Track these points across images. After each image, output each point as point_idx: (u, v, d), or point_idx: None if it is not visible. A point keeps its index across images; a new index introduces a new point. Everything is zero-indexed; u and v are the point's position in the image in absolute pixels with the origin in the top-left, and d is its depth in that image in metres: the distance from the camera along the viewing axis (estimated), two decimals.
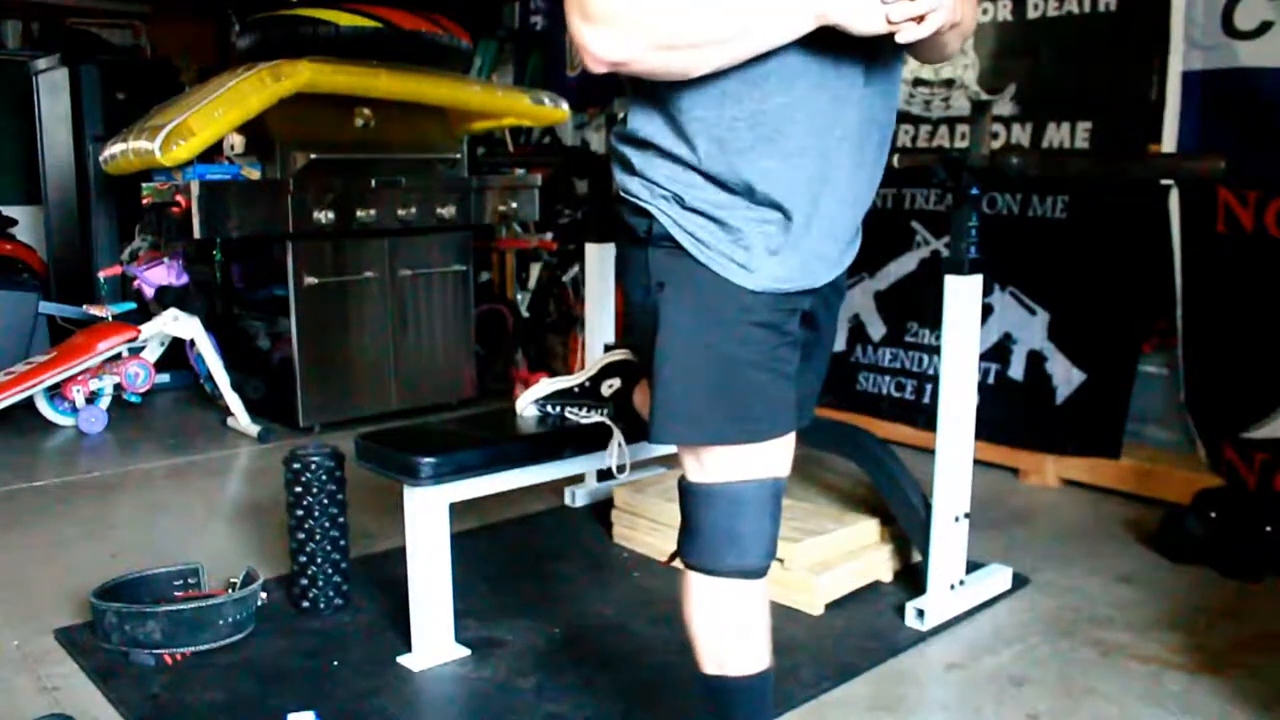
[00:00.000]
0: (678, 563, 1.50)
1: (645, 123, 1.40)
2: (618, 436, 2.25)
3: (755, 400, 1.41)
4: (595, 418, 2.29)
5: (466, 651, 2.19)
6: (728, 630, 1.47)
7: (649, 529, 2.74)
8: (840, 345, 3.93)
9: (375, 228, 4.02)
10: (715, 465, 1.42)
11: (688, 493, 1.45)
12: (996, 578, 2.52)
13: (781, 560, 2.37)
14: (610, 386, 2.34)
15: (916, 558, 2.55)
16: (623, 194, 1.47)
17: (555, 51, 5.47)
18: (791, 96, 1.33)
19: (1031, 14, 3.37)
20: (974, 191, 2.31)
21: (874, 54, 1.33)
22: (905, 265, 3.75)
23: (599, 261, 3.12)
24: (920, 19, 1.24)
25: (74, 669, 2.13)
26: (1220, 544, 2.63)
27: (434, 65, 4.20)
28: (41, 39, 5.98)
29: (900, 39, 1.26)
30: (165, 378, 4.51)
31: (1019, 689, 2.05)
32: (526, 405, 2.39)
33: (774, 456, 1.44)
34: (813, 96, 1.33)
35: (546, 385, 2.41)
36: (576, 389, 2.38)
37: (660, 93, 1.36)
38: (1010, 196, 3.48)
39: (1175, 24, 2.98)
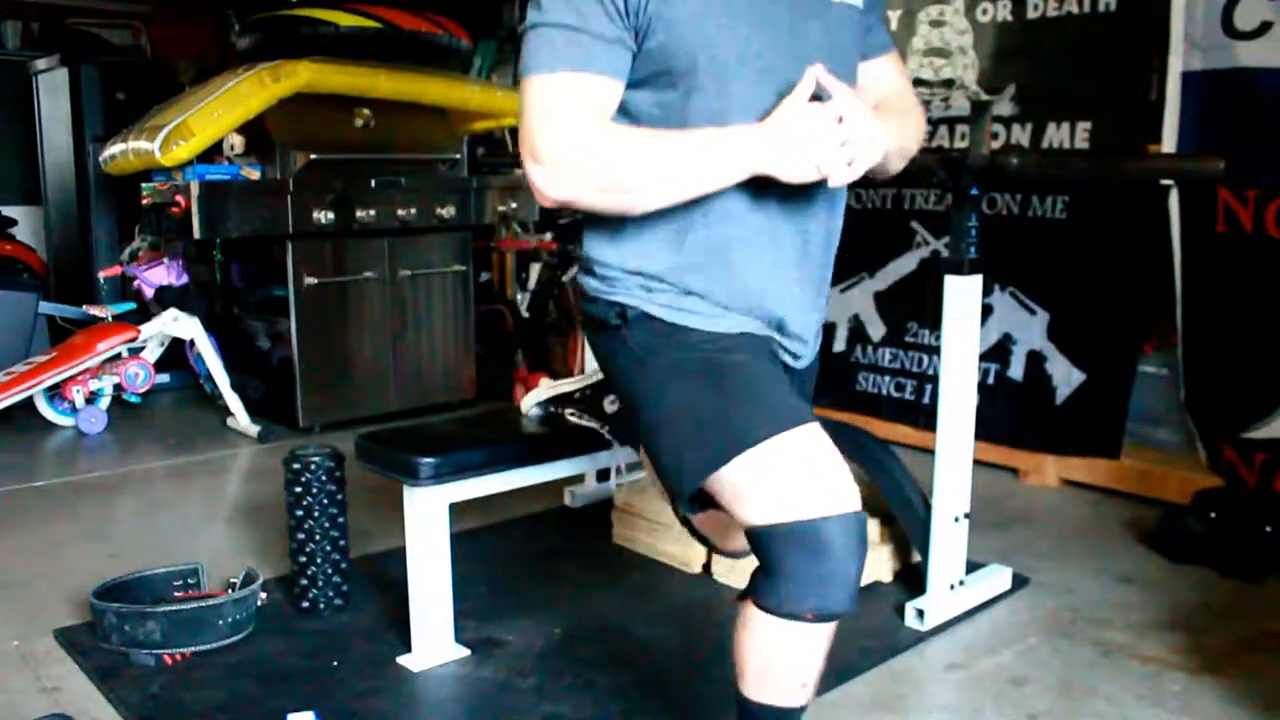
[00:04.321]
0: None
1: (603, 249, 1.53)
2: (618, 459, 2.25)
3: (757, 392, 1.40)
4: (592, 424, 2.29)
5: (466, 651, 2.19)
6: (784, 668, 1.40)
7: (649, 529, 2.74)
8: (840, 345, 3.93)
9: (375, 228, 4.02)
10: (766, 498, 1.33)
11: (758, 537, 1.35)
12: (996, 578, 2.52)
13: None
14: (613, 403, 2.33)
15: (916, 558, 2.55)
16: (591, 294, 1.57)
17: None
18: (739, 223, 1.45)
19: (1031, 14, 3.37)
20: (974, 191, 2.31)
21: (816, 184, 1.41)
22: (905, 265, 3.75)
23: None
24: (850, 162, 1.35)
25: (74, 669, 2.13)
26: (1220, 544, 2.63)
27: (434, 65, 4.20)
28: (41, 39, 5.98)
29: (832, 184, 1.37)
30: (165, 378, 4.51)
31: (1019, 689, 2.05)
32: (530, 407, 2.40)
33: (827, 484, 1.34)
34: (759, 220, 1.46)
35: (548, 388, 2.41)
36: (577, 395, 2.38)
37: (613, 220, 1.48)
38: (1010, 196, 3.48)
39: (1175, 24, 2.98)
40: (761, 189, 1.42)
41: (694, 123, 1.40)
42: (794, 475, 1.34)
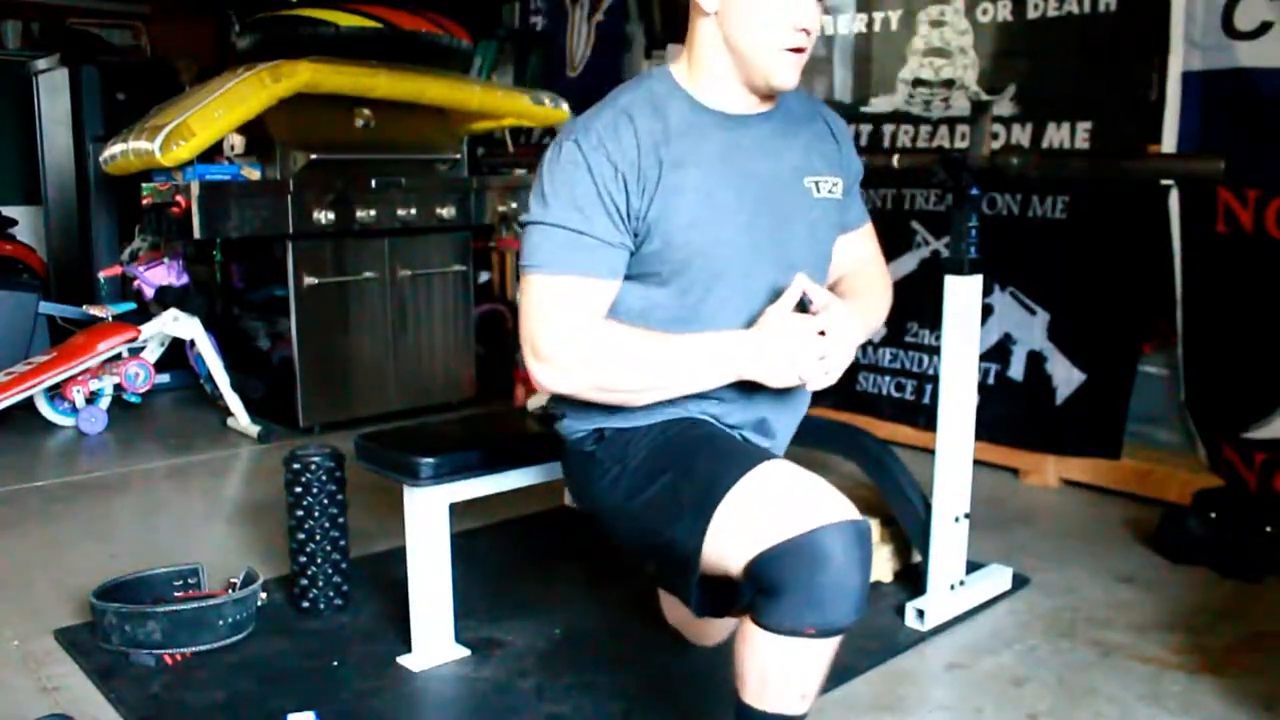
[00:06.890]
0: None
1: (578, 425, 1.66)
2: None
3: (721, 449, 1.49)
4: None
5: (466, 652, 2.19)
6: (786, 681, 1.38)
7: None
8: None
9: (375, 228, 4.02)
10: (756, 529, 1.32)
11: (757, 570, 1.33)
12: (996, 578, 2.52)
13: None
14: None
15: (916, 558, 2.55)
16: (566, 434, 1.70)
17: (555, 51, 5.47)
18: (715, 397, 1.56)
19: (1031, 14, 3.37)
20: (974, 191, 2.31)
21: None
22: (905, 265, 3.75)
23: None
24: (827, 371, 1.47)
25: (74, 669, 2.13)
26: (1220, 544, 2.63)
27: (434, 65, 4.20)
28: (41, 39, 5.98)
29: (809, 388, 1.49)
30: (165, 378, 4.50)
31: (1019, 689, 2.05)
32: (535, 407, 2.40)
33: (816, 498, 1.34)
34: (734, 395, 1.57)
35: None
36: None
37: (590, 407, 1.59)
38: (1010, 196, 3.48)
39: (1175, 24, 2.98)
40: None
41: (677, 319, 1.50)
42: (780, 499, 1.35)
